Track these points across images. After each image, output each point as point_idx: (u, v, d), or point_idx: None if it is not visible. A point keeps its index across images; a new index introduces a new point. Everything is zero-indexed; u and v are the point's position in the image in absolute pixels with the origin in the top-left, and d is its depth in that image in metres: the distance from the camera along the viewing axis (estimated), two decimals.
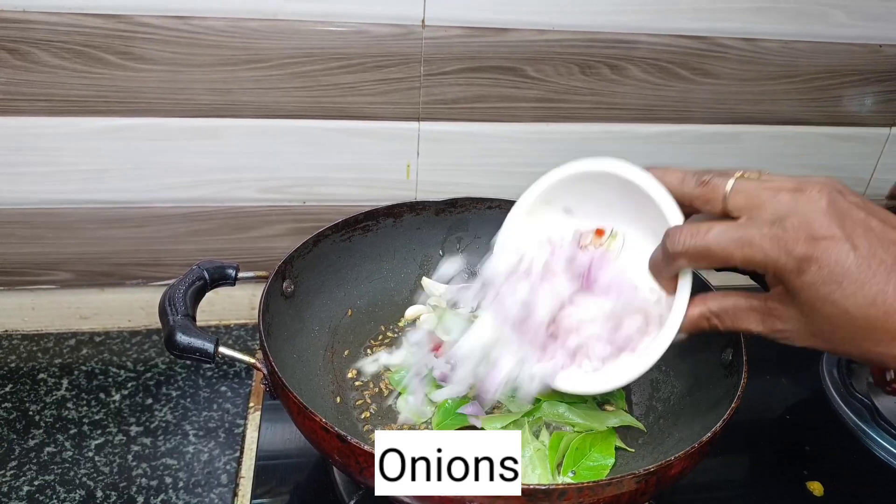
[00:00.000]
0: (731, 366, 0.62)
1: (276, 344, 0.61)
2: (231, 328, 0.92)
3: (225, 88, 0.78)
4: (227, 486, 0.70)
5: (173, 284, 0.61)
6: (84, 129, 0.78)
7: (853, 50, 0.88)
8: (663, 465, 0.50)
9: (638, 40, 0.83)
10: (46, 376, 0.81)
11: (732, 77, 0.89)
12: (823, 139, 0.96)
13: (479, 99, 0.84)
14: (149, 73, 0.76)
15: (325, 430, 0.51)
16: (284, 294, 0.68)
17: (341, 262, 0.76)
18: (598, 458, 0.63)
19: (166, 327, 0.56)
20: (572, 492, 0.48)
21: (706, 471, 0.70)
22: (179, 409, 0.78)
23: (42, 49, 0.73)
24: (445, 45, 0.80)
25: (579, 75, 0.85)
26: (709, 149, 0.94)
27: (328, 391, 0.69)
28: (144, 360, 0.84)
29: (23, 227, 0.83)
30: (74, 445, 0.73)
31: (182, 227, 0.86)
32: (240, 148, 0.82)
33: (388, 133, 0.84)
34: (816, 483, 0.72)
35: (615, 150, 0.91)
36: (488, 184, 0.89)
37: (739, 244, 0.45)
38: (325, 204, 0.88)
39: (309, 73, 0.79)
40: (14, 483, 0.68)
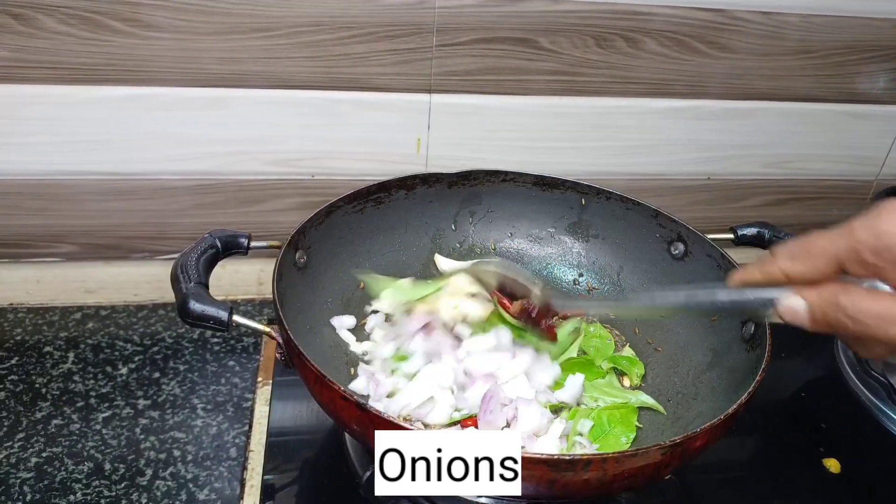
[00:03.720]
0: (753, 339, 0.61)
1: (289, 314, 0.60)
2: (238, 303, 0.90)
3: (233, 58, 0.76)
4: (236, 459, 0.69)
5: (185, 252, 0.60)
6: (90, 98, 0.76)
7: (874, 24, 0.87)
8: (689, 437, 0.49)
9: (654, 12, 0.82)
10: (52, 349, 0.80)
11: (749, 52, 0.87)
12: (839, 117, 0.95)
13: (491, 71, 0.82)
14: (156, 40, 0.74)
15: (344, 398, 0.50)
16: (297, 265, 0.67)
17: (353, 234, 0.75)
18: (619, 432, 0.63)
19: (179, 295, 0.55)
20: (597, 462, 0.47)
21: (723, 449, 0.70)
22: (187, 383, 0.77)
23: (47, 14, 0.71)
24: (458, 14, 0.78)
25: (594, 48, 0.83)
26: (723, 125, 0.93)
27: (341, 362, 0.69)
28: (151, 335, 0.83)
29: (27, 198, 0.81)
30: (82, 418, 0.71)
31: (189, 199, 0.84)
32: (248, 119, 0.80)
33: (399, 105, 0.83)
34: (833, 460, 0.72)
35: (629, 124, 0.90)
36: (499, 159, 0.88)
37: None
38: (333, 178, 0.86)
39: (319, 42, 0.77)
40: (22, 455, 0.67)
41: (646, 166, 0.94)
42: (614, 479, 0.49)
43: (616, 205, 0.78)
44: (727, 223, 0.78)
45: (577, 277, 0.83)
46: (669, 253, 0.76)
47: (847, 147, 0.98)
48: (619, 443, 0.63)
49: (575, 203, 0.80)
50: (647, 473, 0.50)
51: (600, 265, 0.82)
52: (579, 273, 0.83)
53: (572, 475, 0.48)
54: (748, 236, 0.75)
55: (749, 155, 0.96)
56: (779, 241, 0.73)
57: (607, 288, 0.81)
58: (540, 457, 0.47)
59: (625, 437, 0.63)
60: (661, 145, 0.92)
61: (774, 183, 1.00)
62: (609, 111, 0.88)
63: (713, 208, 0.99)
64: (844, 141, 0.98)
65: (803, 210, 1.03)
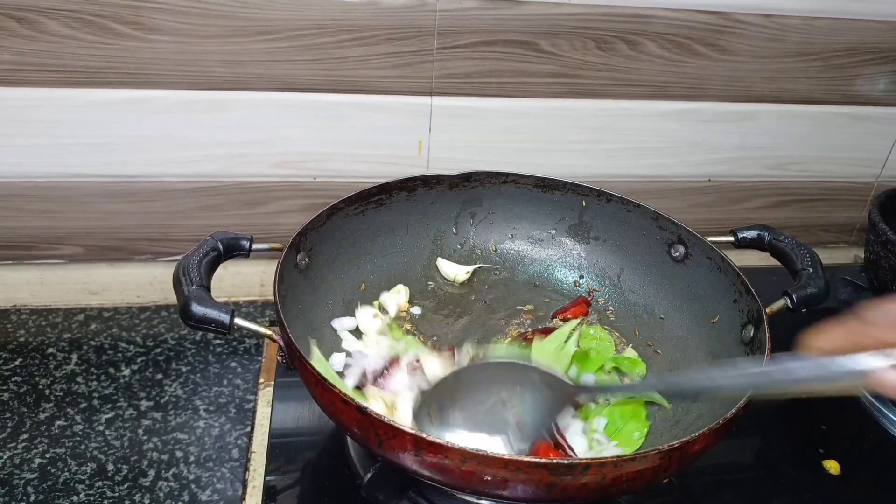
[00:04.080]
0: (752, 343, 0.62)
1: (290, 316, 0.61)
2: (241, 305, 0.91)
3: (235, 60, 0.77)
4: (238, 460, 0.69)
5: (187, 255, 0.60)
6: (93, 101, 0.76)
7: (875, 27, 0.87)
8: (687, 441, 0.50)
9: (655, 14, 0.82)
10: (56, 351, 0.80)
11: (749, 54, 0.87)
12: (839, 119, 0.95)
13: (492, 73, 0.83)
14: (159, 44, 0.74)
15: (344, 402, 0.50)
16: (298, 267, 0.67)
17: (355, 236, 0.75)
18: (633, 428, 0.63)
19: (181, 298, 0.55)
20: (595, 466, 0.48)
21: (723, 450, 0.70)
22: (189, 385, 0.77)
23: (51, 18, 0.71)
24: (459, 17, 0.78)
25: (595, 50, 0.83)
26: (723, 127, 0.93)
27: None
28: (154, 336, 0.84)
29: (30, 200, 0.81)
30: (85, 419, 0.72)
31: (191, 201, 0.85)
32: (250, 121, 0.81)
33: (400, 107, 0.83)
34: (833, 462, 0.72)
35: (630, 126, 0.90)
36: (501, 161, 0.88)
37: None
38: (335, 180, 0.87)
39: (320, 45, 0.77)
40: (26, 455, 0.67)
41: (647, 168, 0.94)
42: (613, 482, 0.49)
43: (617, 207, 0.78)
44: (729, 225, 0.78)
45: (577, 279, 0.83)
46: (670, 255, 0.76)
47: (848, 149, 0.99)
48: (633, 439, 0.63)
49: (576, 205, 0.81)
50: (646, 477, 0.50)
51: (601, 267, 0.82)
52: (580, 275, 0.83)
53: (571, 479, 0.48)
54: (748, 239, 0.76)
55: (750, 157, 0.96)
56: (778, 244, 0.73)
57: (608, 290, 0.81)
58: (539, 461, 0.48)
59: (637, 432, 0.64)
60: (661, 147, 0.93)
61: (776, 185, 1.00)
62: (610, 113, 0.88)
63: (714, 210, 1.00)
64: (845, 143, 0.98)
65: (805, 211, 1.04)
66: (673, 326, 0.75)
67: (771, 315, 0.63)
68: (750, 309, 0.65)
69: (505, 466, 0.47)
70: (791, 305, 0.65)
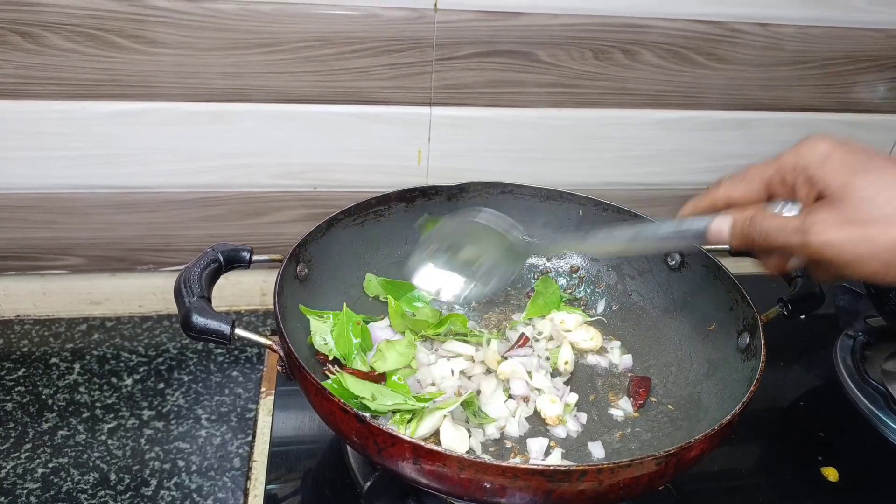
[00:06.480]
0: (748, 350, 0.62)
1: (290, 327, 0.61)
2: (242, 314, 0.91)
3: (237, 73, 0.78)
4: (239, 469, 0.70)
5: (188, 266, 0.60)
6: (95, 114, 0.77)
7: (870, 35, 0.88)
8: (683, 448, 0.50)
9: (652, 24, 0.83)
10: (59, 361, 0.81)
11: (746, 63, 0.88)
12: (837, 126, 0.96)
13: (491, 84, 0.83)
14: (160, 56, 0.75)
15: (343, 411, 0.50)
16: (298, 277, 0.68)
17: (354, 247, 0.75)
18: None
19: (182, 309, 0.56)
20: (592, 473, 0.48)
21: (721, 457, 0.71)
22: (191, 394, 0.78)
23: (53, 32, 0.72)
24: (458, 29, 0.79)
25: (592, 60, 0.84)
26: (719, 135, 0.93)
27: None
28: (156, 346, 0.84)
29: (34, 212, 0.82)
30: (87, 429, 0.73)
31: (193, 212, 0.86)
32: (251, 132, 0.81)
33: (400, 118, 0.84)
34: (831, 469, 0.72)
35: (627, 136, 0.90)
36: (500, 170, 0.89)
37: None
38: (335, 190, 0.88)
39: (320, 57, 0.78)
40: (29, 465, 0.68)
41: (644, 177, 0.95)
42: (610, 489, 0.50)
43: (613, 216, 0.79)
44: None
45: (574, 288, 0.83)
46: (666, 264, 0.77)
47: None
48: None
49: (573, 214, 0.81)
50: (643, 483, 0.51)
51: (598, 276, 0.83)
52: (577, 284, 0.83)
53: (567, 486, 0.48)
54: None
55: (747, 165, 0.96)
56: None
57: (606, 298, 0.82)
58: (536, 468, 0.48)
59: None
60: (659, 156, 0.93)
61: None
62: (607, 123, 0.89)
63: None
64: None
65: None
66: (670, 335, 0.75)
67: (766, 322, 0.64)
68: (745, 316, 0.65)
69: (502, 474, 0.48)
70: (786, 312, 0.66)
